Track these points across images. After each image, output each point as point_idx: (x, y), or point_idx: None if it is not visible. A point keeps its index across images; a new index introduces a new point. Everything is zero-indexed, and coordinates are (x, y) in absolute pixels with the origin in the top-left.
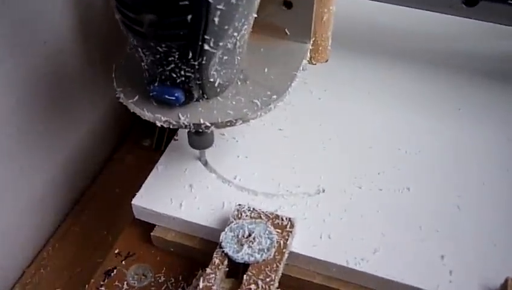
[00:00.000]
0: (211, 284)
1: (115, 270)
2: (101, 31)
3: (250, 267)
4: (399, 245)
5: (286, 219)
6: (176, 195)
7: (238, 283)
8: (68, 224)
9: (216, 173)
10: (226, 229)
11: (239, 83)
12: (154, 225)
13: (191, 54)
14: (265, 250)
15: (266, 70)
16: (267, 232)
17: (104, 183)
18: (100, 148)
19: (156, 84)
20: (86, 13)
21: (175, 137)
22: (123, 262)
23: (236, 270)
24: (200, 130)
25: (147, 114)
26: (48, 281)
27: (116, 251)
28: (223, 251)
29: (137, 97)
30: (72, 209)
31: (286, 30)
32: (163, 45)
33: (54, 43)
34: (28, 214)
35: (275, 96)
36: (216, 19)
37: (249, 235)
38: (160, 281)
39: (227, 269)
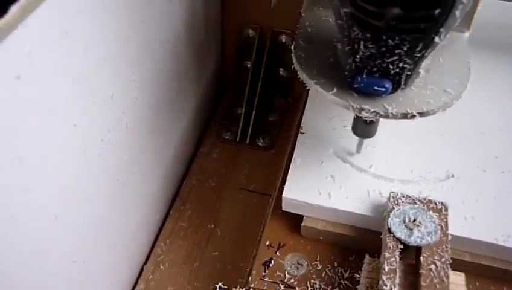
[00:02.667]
0: (394, 267)
1: (272, 261)
2: (200, 33)
3: (423, 249)
4: None
5: (439, 203)
6: (322, 186)
7: (412, 265)
8: (174, 220)
9: (350, 163)
10: (391, 215)
11: (424, 73)
12: (297, 215)
13: (420, 46)
14: (433, 233)
15: (441, 59)
16: (428, 216)
17: (198, 176)
18: (188, 143)
19: (364, 75)
20: (194, 16)
21: (301, 130)
22: (277, 253)
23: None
24: (375, 120)
25: (353, 105)
26: (169, 276)
27: (267, 243)
28: (394, 236)
29: (335, 89)
30: (173, 203)
31: None
32: (397, 38)
33: (174, 43)
34: (142, 211)
35: (462, 85)
36: (457, 12)
37: (414, 220)
38: (318, 268)
39: (400, 252)
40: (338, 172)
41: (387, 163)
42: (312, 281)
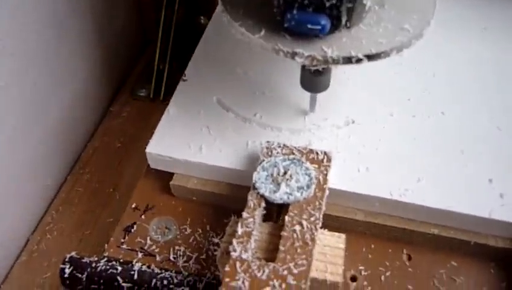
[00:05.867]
0: (250, 229)
1: (135, 226)
2: None
3: (290, 207)
4: (443, 172)
5: (321, 152)
6: (193, 139)
7: (278, 226)
8: (70, 184)
9: (234, 111)
10: (258, 169)
11: (377, 8)
12: (171, 174)
13: None
14: (305, 187)
15: None
16: (303, 168)
17: (103, 138)
18: (95, 102)
19: (295, 11)
20: None
21: (183, 77)
22: (142, 216)
23: (273, 212)
24: (321, 69)
25: (283, 49)
26: (56, 246)
27: (133, 206)
28: (258, 193)
29: (263, 31)
30: (72, 168)
31: None
32: None
33: None
34: (26, 177)
35: (424, 21)
36: None
37: (285, 173)
38: (186, 233)
39: (264, 211)
40: (216, 123)
41: (276, 110)
42: (177, 247)
